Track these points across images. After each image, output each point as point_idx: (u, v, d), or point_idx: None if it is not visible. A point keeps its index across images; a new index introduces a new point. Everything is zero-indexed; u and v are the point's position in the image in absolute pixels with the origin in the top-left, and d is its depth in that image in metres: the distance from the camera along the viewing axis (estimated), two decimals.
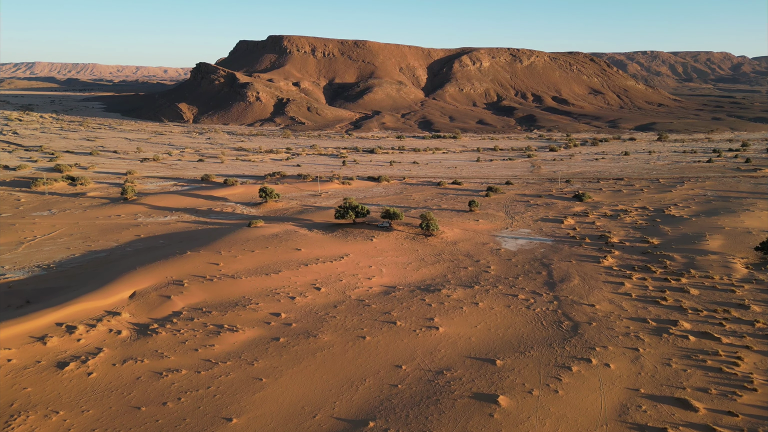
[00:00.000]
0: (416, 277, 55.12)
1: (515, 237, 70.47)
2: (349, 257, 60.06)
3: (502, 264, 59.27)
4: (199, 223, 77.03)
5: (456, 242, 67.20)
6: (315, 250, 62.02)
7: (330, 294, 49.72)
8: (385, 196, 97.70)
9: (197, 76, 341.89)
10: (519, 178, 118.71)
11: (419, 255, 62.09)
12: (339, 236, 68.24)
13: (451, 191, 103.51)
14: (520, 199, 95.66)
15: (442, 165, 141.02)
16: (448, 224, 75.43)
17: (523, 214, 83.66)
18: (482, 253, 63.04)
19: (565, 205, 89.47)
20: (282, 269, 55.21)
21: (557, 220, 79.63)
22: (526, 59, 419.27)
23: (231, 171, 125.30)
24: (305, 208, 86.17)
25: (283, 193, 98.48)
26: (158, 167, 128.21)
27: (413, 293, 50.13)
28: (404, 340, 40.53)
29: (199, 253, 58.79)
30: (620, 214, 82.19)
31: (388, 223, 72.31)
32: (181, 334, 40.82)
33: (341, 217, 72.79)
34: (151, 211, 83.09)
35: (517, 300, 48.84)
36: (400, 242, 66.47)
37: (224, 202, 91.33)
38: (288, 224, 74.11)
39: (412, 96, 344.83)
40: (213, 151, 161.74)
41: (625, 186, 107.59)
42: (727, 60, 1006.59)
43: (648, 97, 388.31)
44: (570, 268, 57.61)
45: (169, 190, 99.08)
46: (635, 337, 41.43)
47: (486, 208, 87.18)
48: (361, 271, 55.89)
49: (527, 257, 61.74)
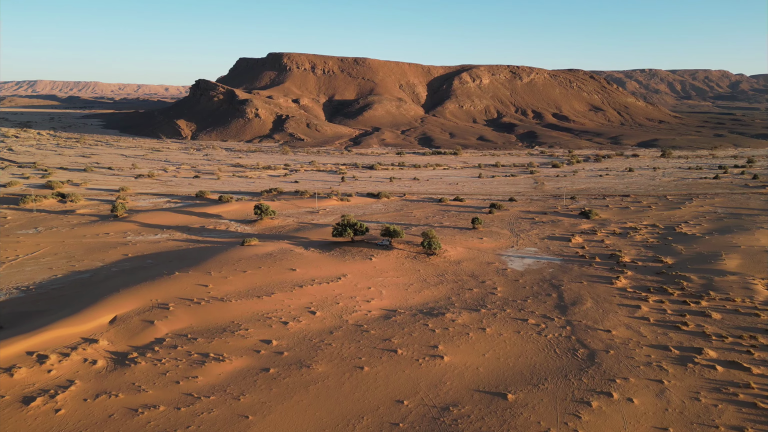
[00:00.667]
0: (418, 299, 51.77)
1: (522, 256, 67.18)
2: (346, 278, 56.73)
3: (509, 285, 55.92)
4: (190, 241, 73.78)
5: (459, 262, 63.90)
6: (310, 270, 58.69)
7: (326, 318, 46.33)
8: (385, 213, 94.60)
9: (196, 93, 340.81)
10: (522, 194, 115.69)
11: (421, 275, 58.78)
12: (336, 255, 64.96)
13: (453, 208, 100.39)
14: (525, 216, 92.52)
15: (443, 181, 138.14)
16: (451, 242, 72.19)
17: (528, 231, 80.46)
18: (488, 274, 59.70)
19: (571, 223, 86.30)
20: (275, 291, 51.85)
21: (565, 238, 76.40)
22: (526, 76, 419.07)
23: (227, 187, 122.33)
24: (302, 226, 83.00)
25: (280, 210, 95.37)
26: (153, 184, 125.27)
27: (415, 317, 46.75)
28: (406, 370, 37.10)
29: (188, 274, 55.45)
30: (630, 232, 78.97)
31: (388, 242, 69.10)
32: (162, 364, 37.39)
33: (339, 235, 69.59)
34: (142, 229, 79.87)
35: (527, 325, 45.44)
36: (401, 262, 63.18)
37: (218, 219, 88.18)
38: (283, 242, 70.89)
39: (412, 113, 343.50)
40: (210, 168, 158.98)
41: (632, 203, 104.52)
42: (725, 78, 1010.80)
43: (648, 114, 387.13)
44: (581, 290, 54.26)
45: (162, 207, 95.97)
46: (658, 367, 38.00)
47: (490, 226, 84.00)
48: (359, 293, 52.54)
49: (535, 278, 58.40)
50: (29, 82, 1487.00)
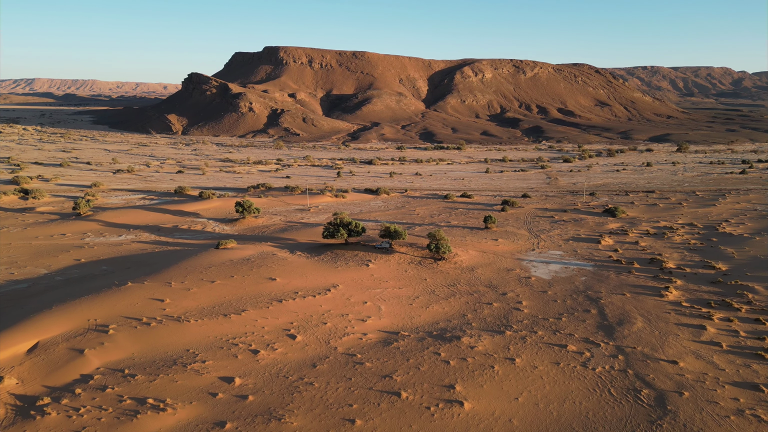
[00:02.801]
0: (426, 317, 41.57)
1: (546, 261, 56.95)
2: (337, 289, 46.50)
3: (536, 298, 45.72)
4: (158, 243, 63.55)
5: (473, 268, 53.68)
6: (294, 279, 48.44)
7: (308, 345, 36.12)
8: (385, 211, 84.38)
9: (189, 87, 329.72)
10: (536, 190, 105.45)
11: (428, 286, 48.56)
12: (327, 261, 54.72)
13: (461, 205, 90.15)
14: (542, 214, 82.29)
15: (448, 176, 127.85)
16: (462, 245, 61.97)
17: (549, 232, 70.25)
18: (508, 283, 49.51)
19: (596, 222, 76.07)
20: (247, 307, 41.62)
21: (592, 239, 66.22)
22: (530, 70, 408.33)
23: (212, 183, 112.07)
24: (289, 225, 72.77)
25: (266, 208, 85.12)
26: (131, 179, 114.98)
27: (423, 343, 36.57)
28: (413, 425, 26.94)
29: (143, 285, 45.23)
30: (666, 233, 68.72)
31: (389, 244, 58.84)
32: (78, 417, 27.22)
33: (330, 236, 59.33)
34: (105, 229, 69.61)
35: (566, 354, 35.27)
36: (404, 268, 52.96)
37: (195, 218, 77.96)
38: (265, 245, 60.67)
39: (412, 107, 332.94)
40: (196, 163, 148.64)
41: (659, 199, 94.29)
42: (728, 75, 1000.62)
43: (656, 110, 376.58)
44: (626, 304, 44.08)
45: (135, 204, 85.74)
46: (755, 418, 27.85)
47: (504, 225, 73.80)
48: (352, 310, 42.32)
49: (567, 288, 48.22)
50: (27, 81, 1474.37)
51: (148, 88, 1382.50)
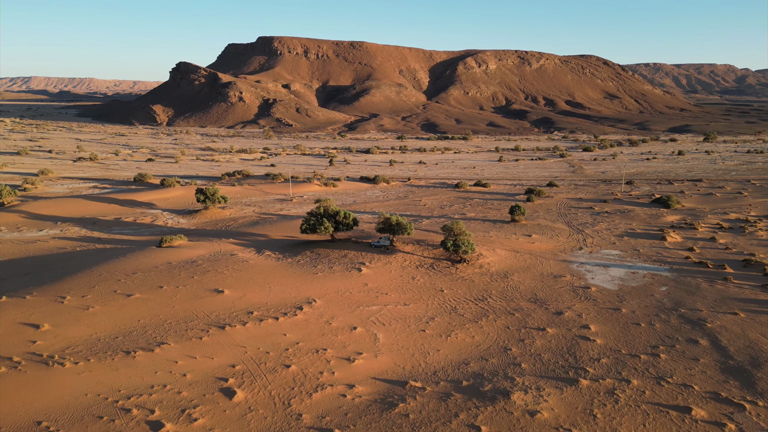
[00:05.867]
0: (448, 352, 26.53)
1: (603, 263, 41.87)
2: (314, 306, 31.45)
3: (607, 320, 30.70)
4: (84, 240, 48.49)
5: (506, 274, 38.63)
6: (251, 291, 33.36)
7: (254, 410, 21.14)
8: (384, 202, 69.37)
9: (176, 77, 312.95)
10: (561, 179, 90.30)
11: (447, 300, 33.52)
12: (303, 264, 39.67)
13: (476, 195, 75.06)
14: (577, 204, 67.22)
15: (456, 165, 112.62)
16: (486, 242, 46.93)
17: (593, 226, 55.17)
18: (560, 296, 34.46)
19: (648, 213, 60.98)
20: (168, 338, 26.56)
21: (652, 234, 51.18)
22: (536, 62, 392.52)
23: (183, 171, 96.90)
24: (263, 218, 57.63)
25: (239, 197, 70.05)
26: (91, 167, 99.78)
27: (447, 404, 21.63)
28: None
29: (22, 301, 30.22)
30: (745, 227, 53.64)
31: (389, 241, 43.76)
32: None
33: (311, 230, 44.25)
34: (26, 222, 54.49)
35: (696, 428, 20.29)
36: (410, 274, 37.89)
37: (146, 208, 62.89)
38: (225, 242, 45.62)
39: (413, 99, 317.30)
40: (173, 152, 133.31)
41: (711, 188, 79.27)
42: (731, 72, 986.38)
43: (667, 102, 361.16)
44: (747, 330, 29.15)
45: (79, 194, 70.66)
46: None
47: (534, 218, 58.75)
48: (334, 341, 27.27)
49: (647, 304, 33.20)
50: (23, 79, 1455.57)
51: (146, 86, 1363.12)
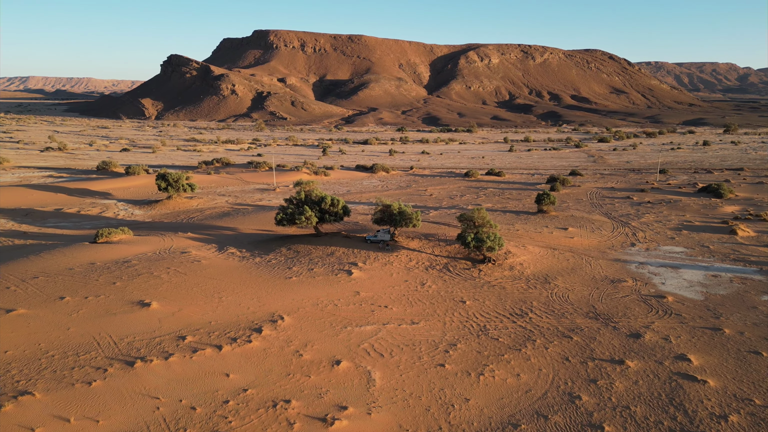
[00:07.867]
0: (482, 404, 16.10)
1: (669, 264, 31.69)
2: (279, 327, 21.16)
3: (707, 345, 20.42)
4: (9, 234, 38.35)
5: (547, 277, 28.43)
6: (191, 305, 23.10)
7: None
8: (383, 192, 59.27)
9: (167, 70, 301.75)
10: (583, 168, 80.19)
11: (470, 315, 23.29)
12: (275, 265, 29.50)
13: (490, 184, 64.87)
14: (610, 194, 57.06)
15: (463, 155, 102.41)
16: (512, 236, 36.77)
17: (638, 218, 44.98)
18: (628, 309, 24.25)
19: (700, 204, 50.83)
20: (38, 383, 16.11)
21: (715, 228, 41.05)
22: (539, 56, 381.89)
23: (159, 161, 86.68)
24: (236, 209, 47.41)
25: (214, 187, 59.89)
26: (57, 157, 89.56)
27: None
28: None
29: None
30: None
31: (389, 235, 33.56)
32: None
33: (288, 220, 34.06)
34: None
35: None
36: (418, 278, 27.68)
37: (100, 198, 52.73)
38: (181, 237, 35.42)
39: (413, 93, 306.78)
40: (153, 143, 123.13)
41: (757, 177, 69.29)
42: (733, 71, 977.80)
43: (675, 98, 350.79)
44: None
45: (28, 183, 60.59)
46: None
47: (564, 208, 48.63)
48: (304, 385, 16.87)
49: (755, 322, 23.00)
50: (21, 78, 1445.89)
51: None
